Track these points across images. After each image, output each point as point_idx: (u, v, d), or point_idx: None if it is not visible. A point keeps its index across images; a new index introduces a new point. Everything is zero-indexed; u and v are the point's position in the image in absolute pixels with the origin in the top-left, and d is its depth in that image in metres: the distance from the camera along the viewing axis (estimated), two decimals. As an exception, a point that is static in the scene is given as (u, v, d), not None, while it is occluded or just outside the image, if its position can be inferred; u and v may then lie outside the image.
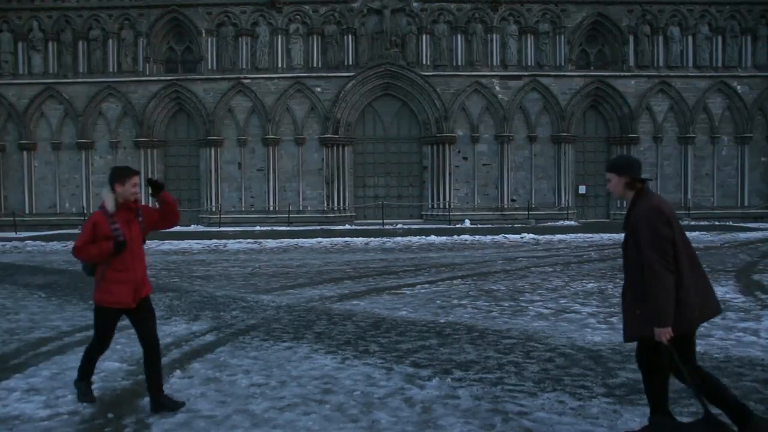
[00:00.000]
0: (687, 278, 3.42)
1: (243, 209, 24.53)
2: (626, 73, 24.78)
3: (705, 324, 3.87)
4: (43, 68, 24.52)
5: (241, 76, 24.24)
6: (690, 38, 24.90)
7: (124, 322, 4.58)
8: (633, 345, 4.05)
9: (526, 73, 24.47)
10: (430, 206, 24.80)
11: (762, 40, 25.04)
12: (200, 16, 24.32)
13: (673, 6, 24.78)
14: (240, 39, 24.32)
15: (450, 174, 24.54)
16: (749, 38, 25.02)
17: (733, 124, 25.22)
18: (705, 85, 24.94)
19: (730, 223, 23.72)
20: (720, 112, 25.10)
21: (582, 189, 25.30)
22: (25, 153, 24.53)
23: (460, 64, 24.43)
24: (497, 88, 24.44)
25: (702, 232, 19.93)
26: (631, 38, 24.74)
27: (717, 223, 23.84)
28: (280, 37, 24.30)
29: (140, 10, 24.37)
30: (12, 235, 21.95)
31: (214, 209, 24.34)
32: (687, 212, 24.57)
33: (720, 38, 24.97)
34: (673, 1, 24.77)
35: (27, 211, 24.49)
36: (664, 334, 3.32)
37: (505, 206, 24.65)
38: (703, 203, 25.16)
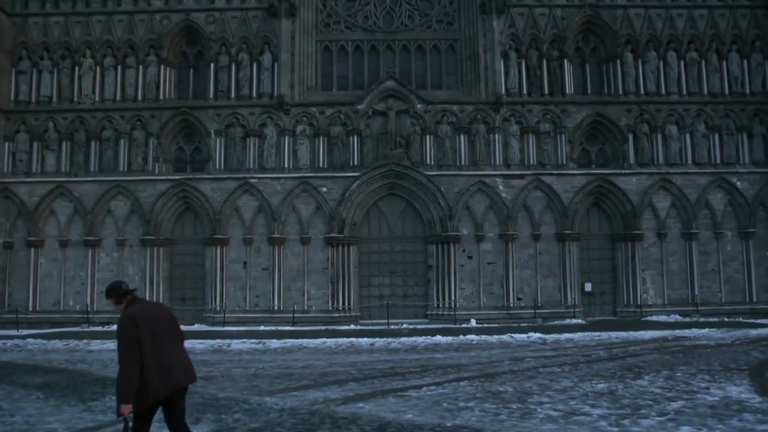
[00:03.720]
0: (149, 364, 4.68)
1: (247, 308, 24.36)
2: (627, 171, 25.17)
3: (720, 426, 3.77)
4: (55, 167, 25.08)
5: (248, 175, 24.73)
6: (688, 136, 25.44)
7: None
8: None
9: (528, 172, 24.89)
10: (435, 305, 24.60)
11: (758, 137, 25.56)
12: (210, 118, 25.08)
13: (669, 105, 25.47)
14: (248, 139, 24.98)
15: (455, 273, 24.50)
16: (745, 135, 25.56)
17: (735, 219, 25.36)
18: (705, 181, 25.27)
19: (740, 320, 23.38)
20: (722, 208, 25.28)
21: (588, 287, 25.13)
22: (32, 250, 24.69)
23: (463, 163, 24.93)
24: (500, 187, 24.81)
25: (712, 329, 19.62)
26: (631, 137, 25.29)
27: (726, 319, 23.51)
28: (287, 137, 24.96)
29: (152, 111, 25.17)
30: (13, 332, 21.75)
31: (218, 308, 24.18)
32: (695, 308, 24.31)
33: (717, 136, 25.50)
34: (669, 101, 25.49)
35: (30, 308, 24.36)
36: (124, 409, 4.58)
37: (511, 305, 24.43)
38: (710, 299, 24.90)
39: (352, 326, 23.07)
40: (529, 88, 25.38)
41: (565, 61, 25.58)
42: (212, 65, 25.35)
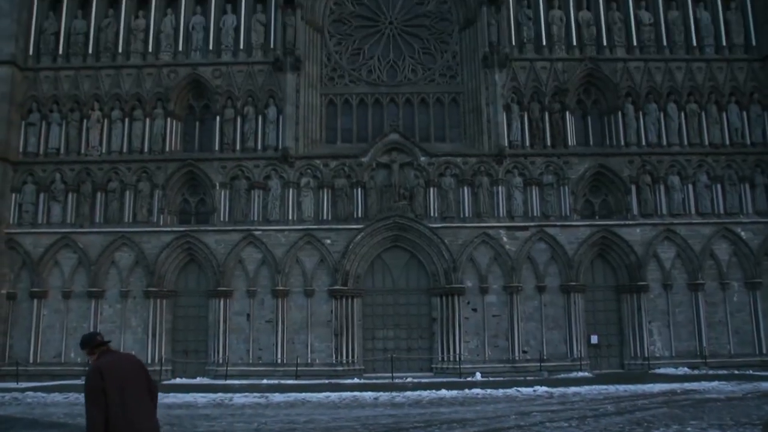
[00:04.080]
0: (115, 415, 4.75)
1: (250, 361, 24.09)
2: (631, 222, 25.17)
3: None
4: (61, 218, 25.18)
5: (253, 227, 24.80)
6: (690, 186, 25.52)
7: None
8: None
9: (532, 224, 24.93)
10: (440, 359, 24.31)
11: (760, 187, 25.63)
12: (215, 170, 25.30)
13: (671, 156, 25.62)
14: (252, 192, 25.13)
15: (459, 326, 24.29)
16: (747, 186, 25.61)
17: (741, 270, 25.20)
18: (709, 231, 25.21)
19: (750, 372, 23.00)
20: (727, 258, 25.16)
21: (594, 339, 24.86)
22: (35, 301, 24.60)
23: (467, 215, 25.00)
24: (504, 238, 24.80)
25: (721, 382, 19.31)
26: (633, 188, 25.37)
27: (736, 372, 23.13)
28: (291, 190, 25.12)
29: (158, 163, 25.41)
30: (13, 385, 21.50)
31: (221, 361, 23.94)
32: (704, 361, 23.96)
33: (719, 186, 25.57)
34: (670, 152, 25.66)
35: (31, 361, 24.12)
36: None
37: (517, 358, 24.14)
38: (719, 351, 24.55)
39: (356, 380, 22.80)
40: (532, 140, 25.62)
41: (567, 113, 25.88)
42: (218, 118, 25.71)
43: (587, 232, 25.06)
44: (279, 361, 24.03)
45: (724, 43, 26.74)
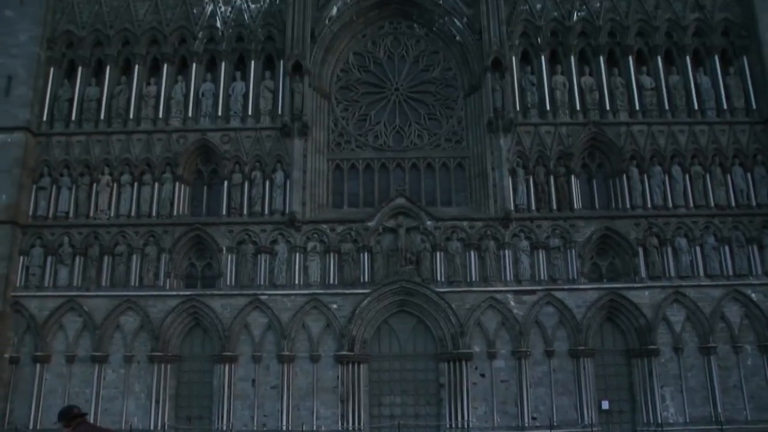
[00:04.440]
0: None
1: (255, 428, 23.68)
2: (639, 285, 24.96)
3: None
4: (67, 281, 25.17)
5: (259, 292, 24.72)
6: (698, 248, 25.36)
7: None
8: None
9: (539, 288, 24.77)
10: (448, 426, 23.82)
11: (768, 248, 25.51)
12: (222, 234, 25.38)
13: (678, 218, 25.57)
14: (259, 256, 25.15)
15: (467, 391, 23.89)
16: (755, 247, 25.46)
17: (753, 332, 24.80)
18: (719, 294, 24.92)
19: (769, 440, 22.50)
20: (738, 321, 24.78)
21: (605, 404, 24.36)
22: (38, 365, 24.38)
23: (474, 279, 24.89)
24: (512, 303, 24.62)
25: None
26: (641, 250, 25.24)
27: (754, 439, 22.63)
28: (298, 254, 25.13)
29: (165, 227, 25.53)
30: (11, 454, 21.19)
31: (225, 428, 23.55)
32: (719, 427, 23.37)
33: (727, 247, 25.40)
34: (676, 214, 25.62)
35: (31, 427, 23.76)
36: None
37: (526, 425, 23.63)
38: (735, 417, 23.94)
39: (363, 448, 22.41)
40: (538, 203, 25.69)
41: (572, 176, 26.00)
42: (226, 182, 25.94)
43: (595, 295, 24.85)
44: (284, 428, 23.62)
45: (725, 107, 27.01)
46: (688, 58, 27.64)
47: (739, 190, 26.07)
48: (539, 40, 27.63)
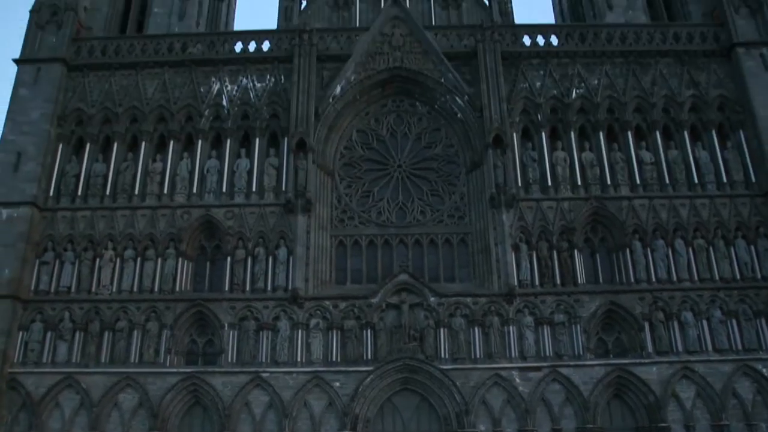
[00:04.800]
0: None
1: None
2: (646, 360, 24.53)
3: None
4: (66, 357, 24.84)
5: (261, 369, 24.34)
6: (705, 322, 25.05)
7: None
8: None
9: (545, 364, 24.38)
10: (454, 507, 23.13)
11: (777, 323, 25.20)
12: (224, 310, 25.23)
13: (683, 292, 25.38)
14: (261, 333, 24.91)
15: (474, 472, 23.29)
16: (764, 321, 25.15)
17: (766, 410, 24.22)
18: (729, 369, 24.41)
19: None
20: (751, 397, 24.16)
21: (618, 489, 23.68)
22: (30, 446, 23.85)
23: (478, 356, 24.53)
24: (517, 380, 24.17)
25: None
26: (647, 325, 24.97)
27: None
28: (300, 331, 24.90)
29: (167, 303, 25.40)
30: None
31: None
32: None
33: (735, 321, 25.10)
34: (681, 288, 25.46)
35: None
36: None
37: (535, 507, 22.93)
38: (755, 505, 23.20)
39: None
40: (541, 279, 25.61)
41: (575, 251, 26.01)
42: (229, 258, 25.98)
43: (602, 371, 24.42)
44: None
45: (725, 180, 27.30)
46: (685, 133, 28.17)
47: (743, 263, 26.02)
48: (539, 116, 28.21)
